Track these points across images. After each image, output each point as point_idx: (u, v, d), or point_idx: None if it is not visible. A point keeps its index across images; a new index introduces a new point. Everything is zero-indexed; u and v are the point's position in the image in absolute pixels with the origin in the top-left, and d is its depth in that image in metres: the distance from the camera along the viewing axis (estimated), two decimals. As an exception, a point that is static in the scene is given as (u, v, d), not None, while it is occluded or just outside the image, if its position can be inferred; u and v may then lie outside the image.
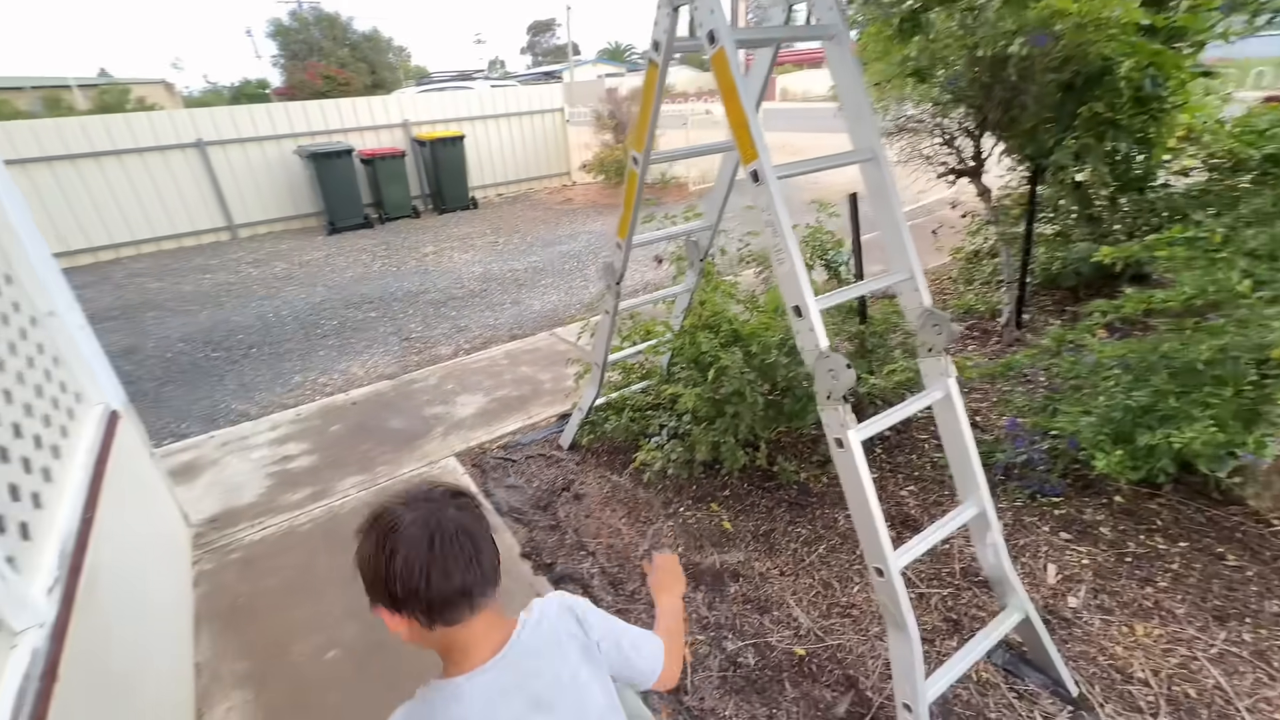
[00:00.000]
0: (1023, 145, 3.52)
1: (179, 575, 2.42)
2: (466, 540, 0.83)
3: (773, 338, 2.59)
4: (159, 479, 2.62)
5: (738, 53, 1.56)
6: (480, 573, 0.83)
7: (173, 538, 2.56)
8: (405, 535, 0.81)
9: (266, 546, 2.68)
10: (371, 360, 4.59)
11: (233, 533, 2.77)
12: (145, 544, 2.21)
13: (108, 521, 1.81)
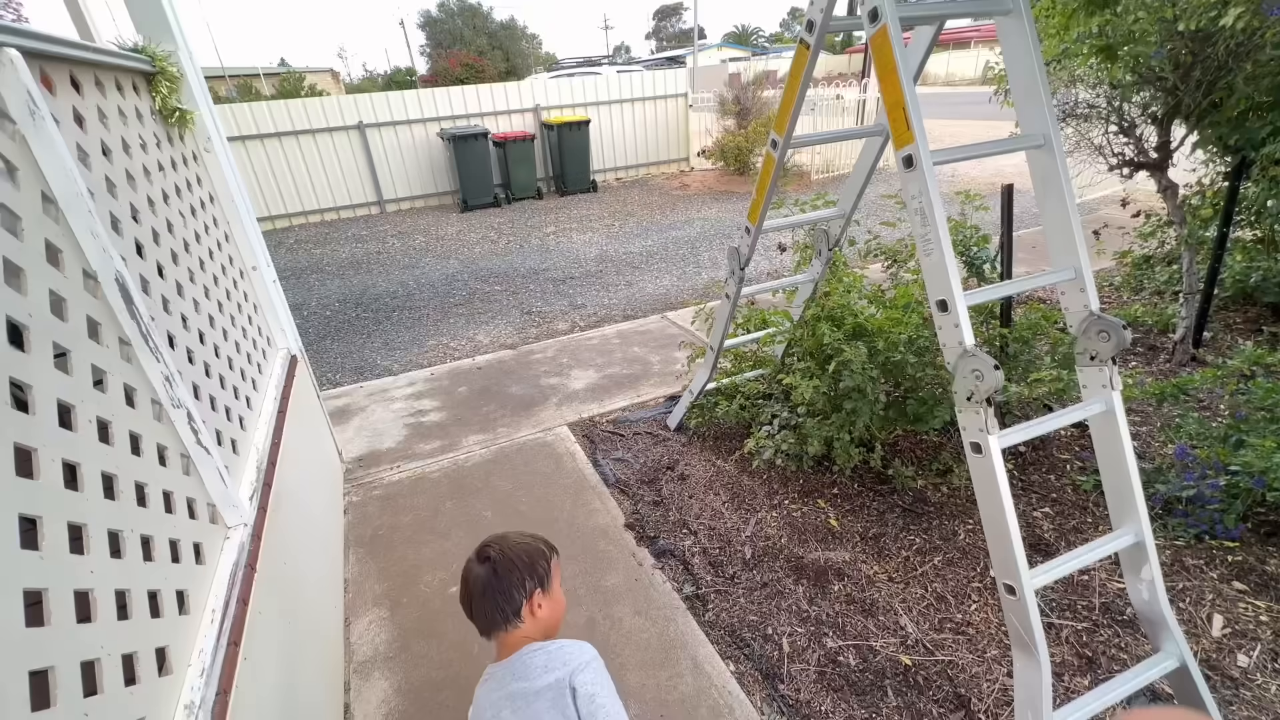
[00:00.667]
0: (1226, 134, 3.04)
1: (334, 502, 2.78)
2: (484, 598, 1.20)
3: (900, 335, 2.46)
4: (323, 418, 3.01)
5: (900, 26, 1.49)
6: (495, 617, 1.20)
7: (330, 469, 2.93)
8: (465, 586, 1.24)
9: (402, 487, 3.00)
10: (496, 330, 4.93)
11: (376, 472, 3.12)
12: (312, 471, 2.56)
13: (289, 447, 2.12)
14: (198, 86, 2.22)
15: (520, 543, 1.25)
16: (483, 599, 1.19)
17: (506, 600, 1.18)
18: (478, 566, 1.22)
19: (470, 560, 1.24)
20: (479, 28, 29.98)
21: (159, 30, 2.09)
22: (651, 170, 11.05)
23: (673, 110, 10.83)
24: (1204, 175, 3.54)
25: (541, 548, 1.27)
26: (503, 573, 1.19)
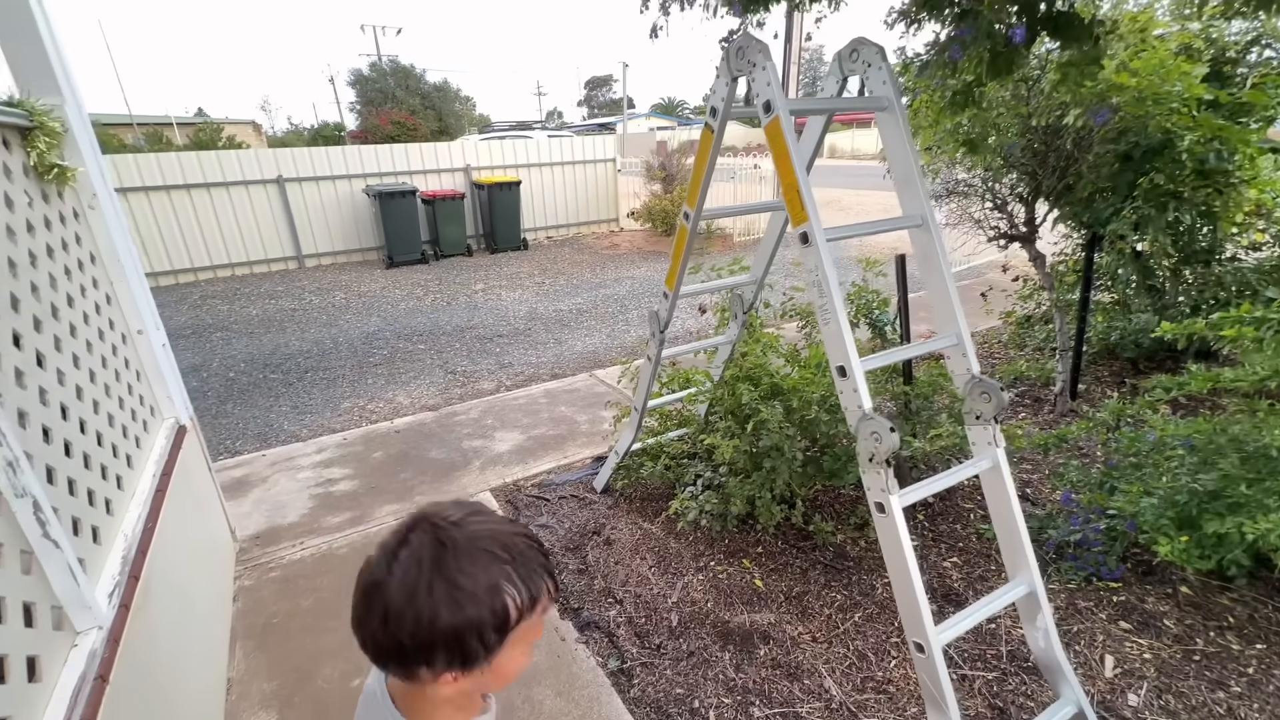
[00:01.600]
0: (1078, 213, 3.48)
1: (221, 588, 2.50)
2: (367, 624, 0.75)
3: (813, 393, 2.57)
4: (214, 494, 2.75)
5: (790, 118, 1.63)
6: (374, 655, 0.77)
7: (219, 551, 2.66)
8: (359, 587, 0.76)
9: (304, 567, 2.75)
10: (417, 390, 4.74)
11: (274, 550, 2.85)
12: (196, 556, 2.30)
13: (167, 531, 1.91)
14: (85, 141, 2.09)
15: (474, 578, 0.69)
16: (366, 622, 0.71)
17: (393, 652, 0.71)
18: (381, 571, 0.70)
19: (381, 551, 0.72)
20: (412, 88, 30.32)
21: (43, 82, 1.97)
22: (582, 230, 11.30)
23: (602, 174, 11.23)
24: (1065, 247, 4.01)
25: (497, 605, 0.70)
26: (396, 619, 0.68)
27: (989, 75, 1.70)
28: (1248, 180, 3.07)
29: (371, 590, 0.70)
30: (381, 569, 0.70)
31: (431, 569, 0.68)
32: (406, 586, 0.68)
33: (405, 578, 0.68)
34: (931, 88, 2.66)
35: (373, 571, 0.71)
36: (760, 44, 1.62)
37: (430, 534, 0.71)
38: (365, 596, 0.71)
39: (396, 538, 0.72)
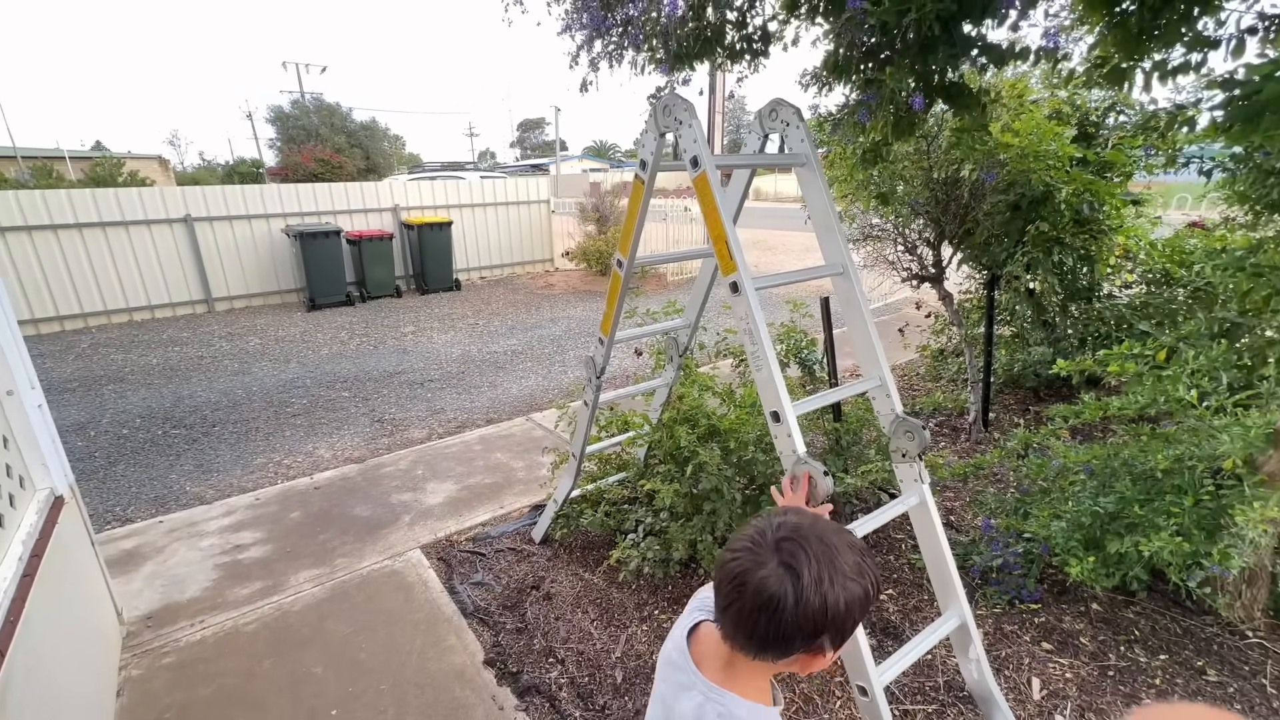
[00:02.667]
0: (978, 255, 3.80)
1: (101, 683, 2.19)
2: (756, 620, 0.81)
3: (750, 434, 2.61)
4: (96, 572, 2.43)
5: (717, 173, 1.70)
6: (748, 642, 0.82)
7: (102, 638, 2.34)
8: (738, 566, 0.82)
9: (205, 649, 2.46)
10: (340, 442, 4.46)
11: (169, 632, 2.55)
12: (71, 646, 2.02)
13: (34, 621, 1.66)
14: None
15: (849, 576, 0.78)
16: (754, 619, 0.77)
17: (777, 642, 0.78)
18: (778, 575, 0.77)
19: (766, 554, 0.78)
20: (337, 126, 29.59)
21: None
22: (517, 270, 11.23)
23: (536, 214, 11.27)
24: (970, 286, 4.36)
25: (866, 593, 0.80)
26: (803, 615, 0.76)
27: (894, 136, 1.84)
28: (1115, 228, 3.46)
29: (775, 600, 0.76)
30: (777, 578, 0.77)
31: (824, 563, 0.77)
32: (813, 581, 0.76)
33: (808, 574, 0.76)
34: (845, 143, 2.86)
35: (766, 583, 0.77)
36: (686, 102, 1.69)
37: (801, 536, 0.79)
38: (767, 603, 0.76)
39: (772, 550, 0.79)
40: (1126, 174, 3.75)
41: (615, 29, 2.15)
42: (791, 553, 0.78)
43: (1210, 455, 2.05)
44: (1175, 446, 2.16)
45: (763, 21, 2.08)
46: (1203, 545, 1.95)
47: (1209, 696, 2.04)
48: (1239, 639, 2.25)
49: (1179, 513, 2.04)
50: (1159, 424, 2.61)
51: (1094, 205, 3.40)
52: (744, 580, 0.78)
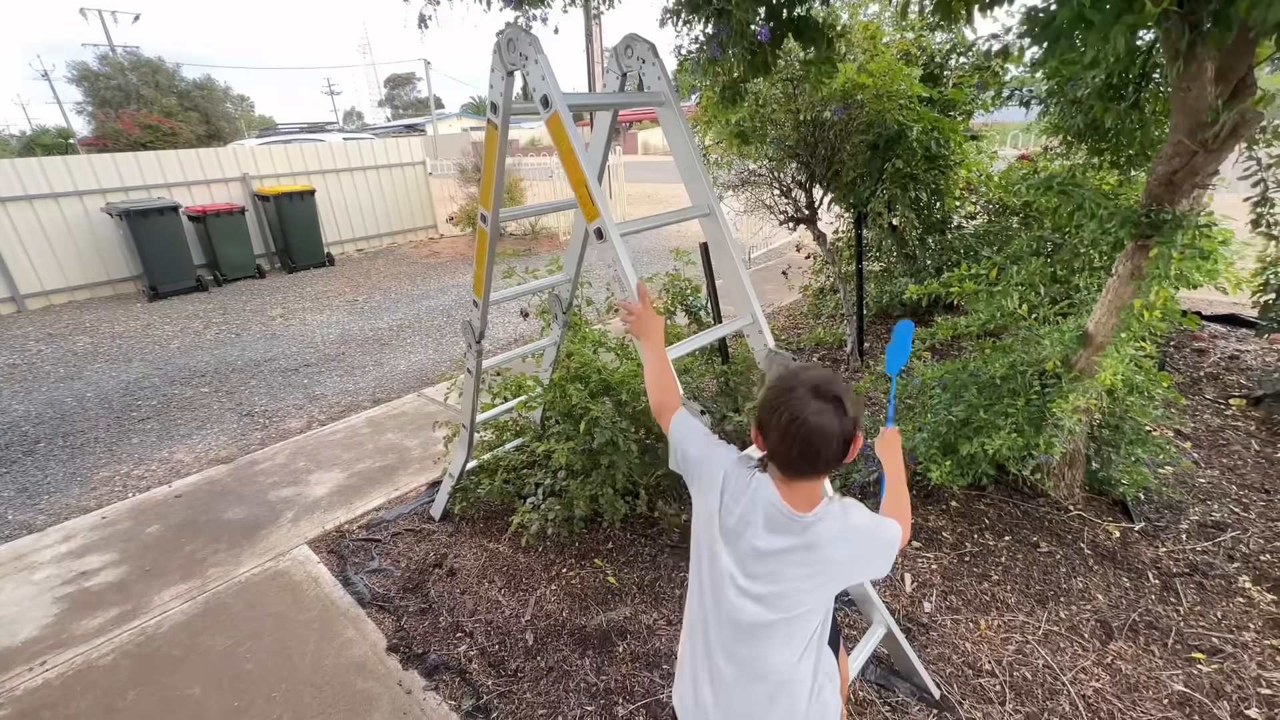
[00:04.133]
0: (845, 195, 4.00)
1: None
2: (822, 442, 1.04)
3: (641, 384, 2.62)
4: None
5: (570, 112, 1.61)
6: (823, 465, 1.07)
7: (-95, 705, 1.98)
8: (799, 421, 1.04)
9: (51, 693, 2.16)
10: (203, 443, 4.00)
11: (1, 683, 2.20)
12: None
13: None
14: None
15: (851, 394, 1.08)
16: (825, 441, 1.03)
17: (842, 446, 1.05)
18: (818, 403, 1.03)
19: (801, 392, 1.04)
20: (164, 86, 25.46)
21: None
22: (398, 239, 10.47)
23: (412, 178, 10.49)
24: (840, 225, 4.60)
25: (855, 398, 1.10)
26: (849, 414, 1.04)
27: (749, 73, 1.84)
28: (959, 163, 3.76)
29: (825, 429, 1.03)
30: (818, 412, 1.03)
31: (843, 394, 1.06)
32: (844, 410, 1.04)
33: (838, 405, 1.04)
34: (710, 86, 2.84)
35: (817, 417, 1.03)
36: (530, 36, 1.57)
37: (812, 381, 1.06)
38: (822, 435, 1.03)
39: (805, 394, 1.04)
40: (967, 113, 4.06)
41: (454, -43, 1.95)
42: (830, 394, 1.04)
43: (1037, 359, 2.33)
44: (1010, 355, 2.42)
45: (612, -49, 1.97)
46: (1032, 439, 2.23)
47: (1040, 565, 2.38)
48: (1064, 513, 2.63)
49: (1014, 412, 2.31)
50: (1000, 337, 2.93)
51: (940, 142, 3.66)
52: (820, 429, 1.02)
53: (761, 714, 1.12)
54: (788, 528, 1.09)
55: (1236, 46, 1.60)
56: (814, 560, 1.09)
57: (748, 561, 1.11)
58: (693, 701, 1.18)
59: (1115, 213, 1.79)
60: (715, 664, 1.15)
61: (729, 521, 1.12)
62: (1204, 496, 2.71)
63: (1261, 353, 4.00)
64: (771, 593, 1.10)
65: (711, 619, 1.15)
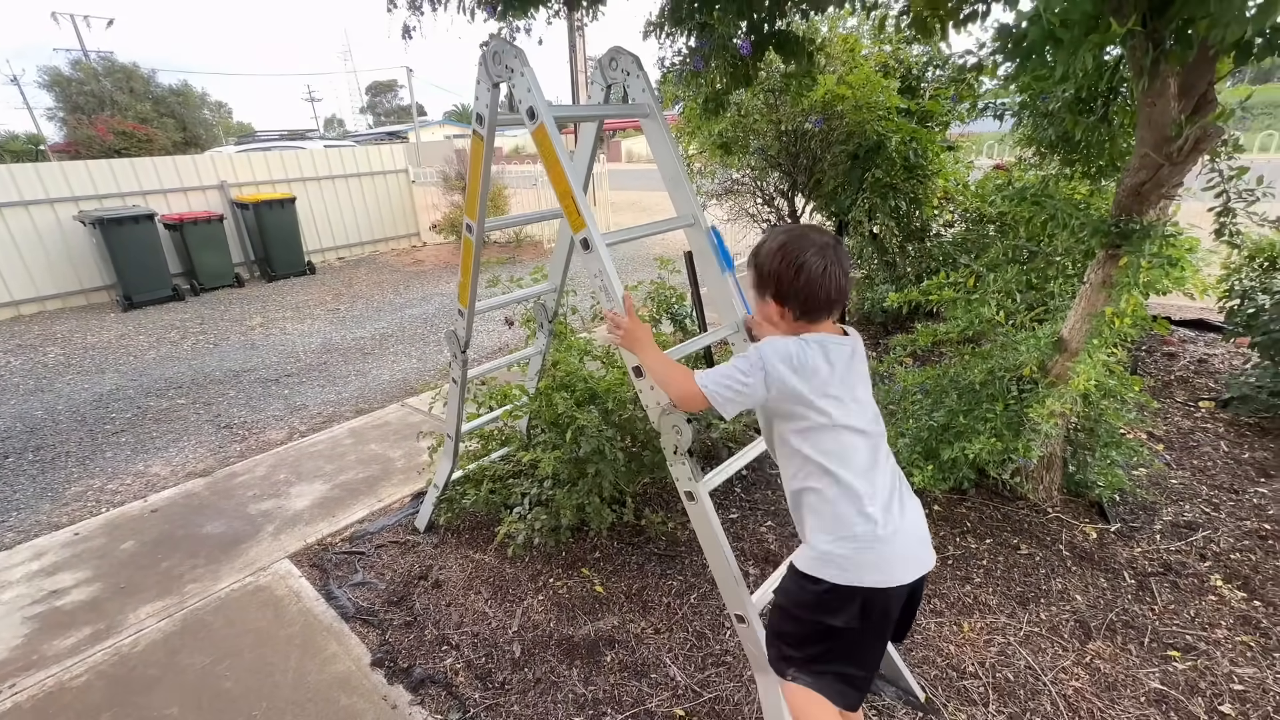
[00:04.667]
0: (827, 204, 4.06)
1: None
2: (844, 275, 1.29)
3: (627, 392, 2.63)
4: None
5: (555, 123, 1.62)
6: (845, 296, 1.29)
7: None
8: (812, 261, 1.26)
9: (21, 717, 2.09)
10: (180, 456, 3.92)
11: (-33, 707, 2.13)
12: None
13: None
14: None
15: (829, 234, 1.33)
16: (845, 277, 1.29)
17: (849, 285, 1.32)
18: (831, 241, 1.28)
19: (815, 240, 1.27)
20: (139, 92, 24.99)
21: None
22: (380, 247, 10.38)
23: (395, 185, 10.42)
24: (823, 233, 4.66)
25: None
26: (847, 276, 1.30)
27: (731, 85, 1.87)
28: (936, 172, 3.84)
29: (842, 268, 1.28)
30: (834, 256, 1.28)
31: (837, 247, 1.31)
32: (843, 256, 1.30)
33: (840, 252, 1.29)
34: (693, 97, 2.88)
35: (835, 255, 1.28)
36: (515, 49, 1.58)
37: (818, 243, 1.28)
38: (841, 267, 1.28)
39: (807, 240, 1.28)
40: (944, 123, 4.15)
41: (438, -32, 1.96)
42: (826, 244, 1.28)
43: (1014, 365, 2.38)
44: (988, 361, 2.48)
45: (596, -35, 2.00)
46: (1011, 443, 2.27)
47: (1021, 567, 2.42)
48: (1043, 516, 2.68)
49: (993, 417, 2.35)
50: (979, 343, 2.99)
51: (918, 152, 3.74)
52: (843, 275, 1.28)
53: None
54: (853, 350, 1.33)
55: (1197, 64, 1.66)
56: (863, 368, 1.37)
57: (856, 392, 1.31)
58: (894, 530, 1.26)
59: (1086, 223, 1.85)
60: (899, 492, 1.32)
61: (831, 379, 1.28)
62: (1176, 497, 2.78)
63: (1229, 356, 4.13)
64: (874, 413, 1.34)
65: (864, 463, 1.28)
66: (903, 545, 1.28)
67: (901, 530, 1.27)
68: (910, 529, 1.30)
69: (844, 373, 1.29)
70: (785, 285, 1.27)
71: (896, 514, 1.28)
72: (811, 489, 1.30)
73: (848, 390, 1.29)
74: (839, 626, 1.26)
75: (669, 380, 1.43)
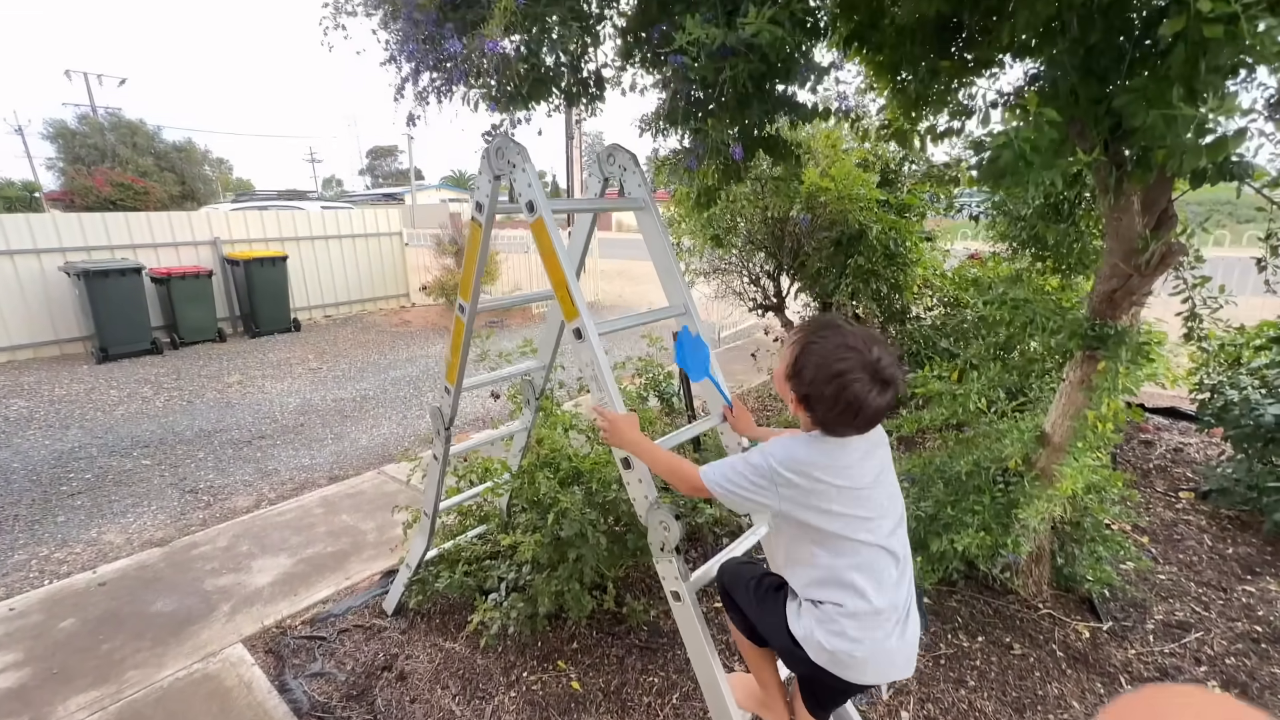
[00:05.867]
0: (811, 285, 4.18)
1: None
2: (878, 418, 1.23)
3: (612, 473, 2.58)
4: None
5: (553, 217, 1.66)
6: (883, 416, 1.23)
7: None
8: (861, 380, 1.17)
9: (-84, 832, 1.86)
10: (138, 522, 3.72)
11: None
12: None
13: None
14: None
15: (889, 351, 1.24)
16: (880, 416, 1.22)
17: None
18: (892, 360, 1.21)
19: (882, 355, 1.19)
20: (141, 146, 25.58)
21: None
22: (368, 307, 10.41)
23: (388, 247, 10.58)
24: (806, 313, 4.77)
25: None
26: (899, 390, 1.22)
27: (723, 181, 1.95)
28: (915, 261, 4.00)
29: (883, 409, 1.21)
30: (880, 394, 1.19)
31: (897, 378, 1.22)
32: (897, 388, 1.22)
33: (892, 386, 1.21)
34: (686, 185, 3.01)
35: (887, 357, 1.20)
36: (518, 145, 1.65)
37: (872, 364, 1.19)
38: (879, 414, 1.21)
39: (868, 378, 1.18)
40: (921, 214, 4.37)
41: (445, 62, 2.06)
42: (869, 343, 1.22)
43: (999, 457, 2.39)
44: (974, 451, 2.48)
45: (596, 67, 2.12)
46: (1000, 537, 2.25)
47: (1015, 670, 2.34)
48: (1034, 612, 2.62)
49: (980, 510, 2.33)
50: (964, 429, 3.01)
51: (898, 241, 3.90)
52: (880, 410, 1.20)
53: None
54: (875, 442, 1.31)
55: (1158, 183, 1.78)
56: (885, 454, 1.34)
57: (880, 493, 1.28)
58: (897, 645, 1.25)
59: (1063, 326, 1.91)
60: (910, 607, 1.30)
61: (852, 484, 1.23)
62: (1166, 594, 2.74)
63: (1203, 446, 4.21)
64: (899, 515, 1.32)
65: (889, 580, 1.25)
66: (899, 657, 1.27)
67: (901, 649, 1.27)
68: (910, 643, 1.29)
69: (865, 471, 1.24)
70: (818, 391, 1.18)
71: (903, 629, 1.27)
72: (829, 601, 1.25)
73: (871, 492, 1.24)
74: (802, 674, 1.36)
75: (672, 474, 1.40)
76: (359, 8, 2.25)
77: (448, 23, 1.81)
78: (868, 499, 1.24)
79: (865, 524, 1.22)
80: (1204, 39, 1.19)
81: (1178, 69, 1.25)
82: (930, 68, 1.96)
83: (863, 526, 1.22)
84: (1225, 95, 1.28)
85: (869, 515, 1.23)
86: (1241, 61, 1.32)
